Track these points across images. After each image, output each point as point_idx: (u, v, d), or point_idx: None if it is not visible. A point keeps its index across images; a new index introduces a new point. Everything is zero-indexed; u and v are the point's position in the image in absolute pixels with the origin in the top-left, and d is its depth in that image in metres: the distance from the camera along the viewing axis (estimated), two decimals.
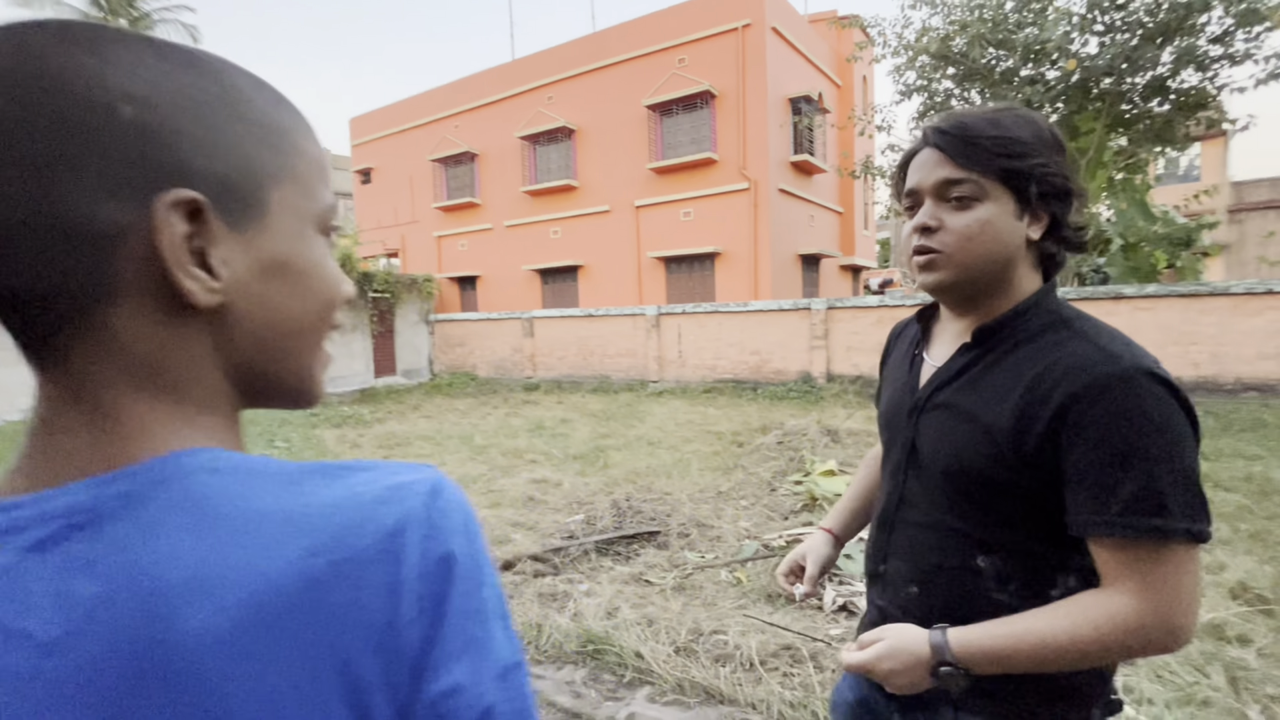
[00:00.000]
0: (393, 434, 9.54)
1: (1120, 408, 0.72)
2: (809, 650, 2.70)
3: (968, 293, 0.86)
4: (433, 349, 17.12)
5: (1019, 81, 9.66)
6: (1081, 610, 0.74)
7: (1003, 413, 0.79)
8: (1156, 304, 9.05)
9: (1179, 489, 0.71)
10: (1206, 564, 3.71)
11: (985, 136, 0.80)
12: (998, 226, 0.80)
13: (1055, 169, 0.81)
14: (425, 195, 19.11)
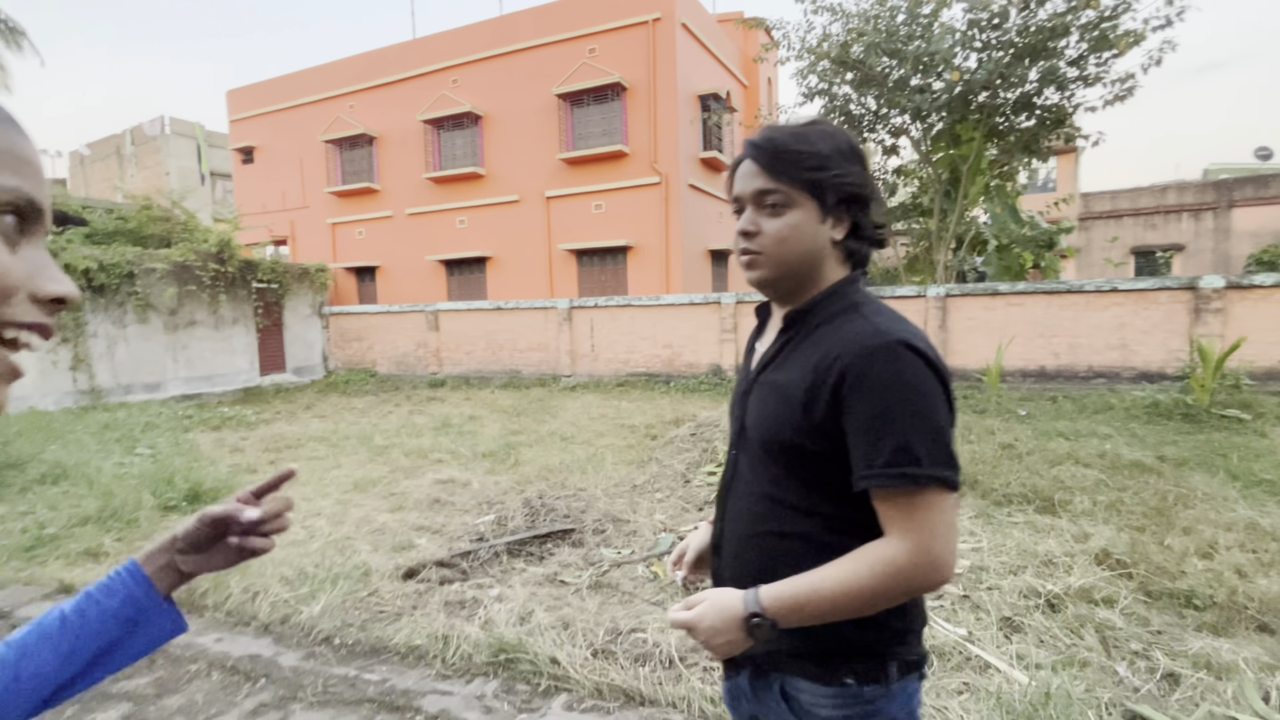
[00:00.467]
0: (281, 436, 8.77)
1: (882, 373, 0.84)
2: None
3: (785, 286, 0.98)
4: (327, 344, 15.95)
5: (910, 90, 10.29)
6: (861, 557, 0.84)
7: (800, 384, 0.90)
8: (1025, 300, 9.99)
9: (928, 443, 0.83)
10: (1073, 534, 4.09)
11: (791, 151, 0.91)
12: (804, 230, 0.93)
13: (852, 178, 0.93)
14: (318, 179, 17.73)
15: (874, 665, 0.90)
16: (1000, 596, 3.18)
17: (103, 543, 4.40)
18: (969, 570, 3.55)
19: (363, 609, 3.11)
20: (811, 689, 0.93)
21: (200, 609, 3.14)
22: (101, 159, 30.86)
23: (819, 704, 0.92)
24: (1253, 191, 19.22)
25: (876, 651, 0.91)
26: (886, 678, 0.91)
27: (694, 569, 1.16)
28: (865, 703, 0.91)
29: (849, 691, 0.91)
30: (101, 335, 11.49)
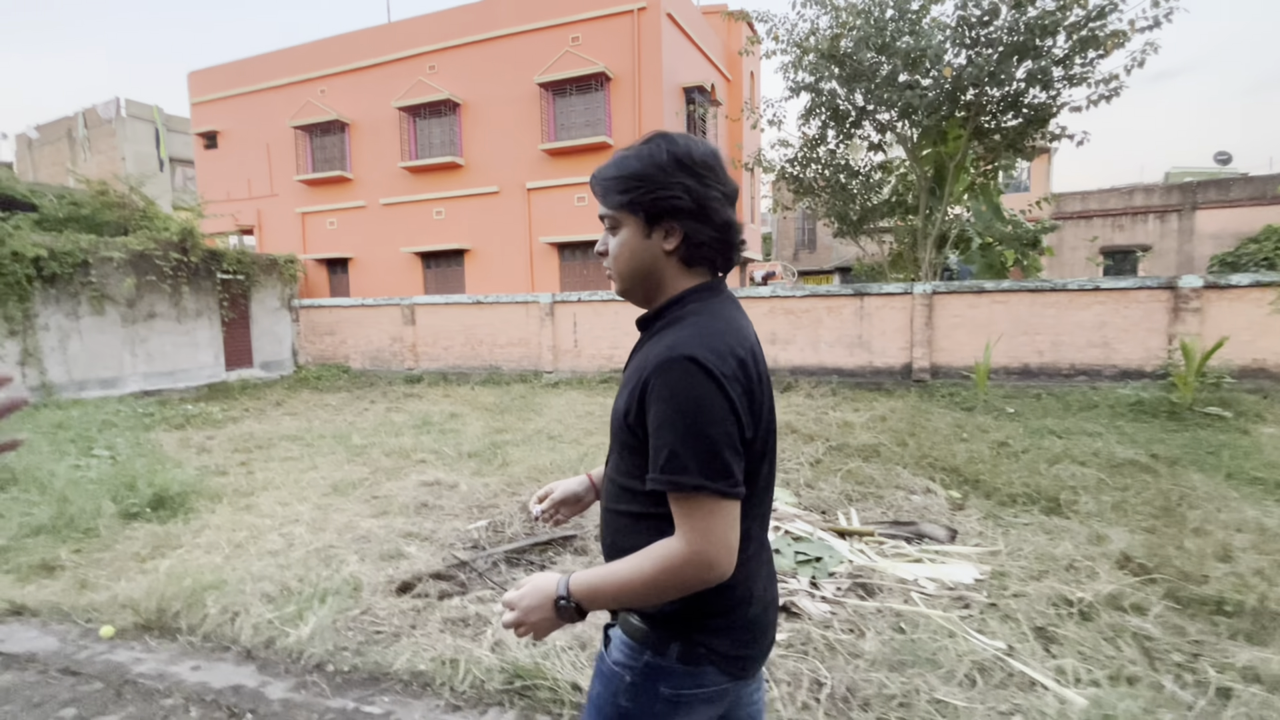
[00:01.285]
0: (250, 435, 8.33)
1: (663, 386, 0.91)
2: None
3: (635, 296, 1.07)
4: (297, 338, 15.36)
5: (898, 86, 10.25)
6: (649, 552, 0.92)
7: (628, 385, 0.99)
8: (1010, 298, 10.05)
9: (698, 453, 0.89)
10: (1087, 536, 4.02)
11: (610, 179, 1.00)
12: (631, 246, 1.02)
13: (671, 191, 0.97)
14: (286, 166, 17.03)
15: (659, 637, 1.00)
16: (1029, 604, 3.07)
17: (58, 555, 4.04)
18: (990, 576, 3.44)
19: (356, 629, 2.85)
20: (618, 635, 1.05)
21: (172, 632, 2.84)
22: (51, 142, 29.31)
23: (619, 647, 1.05)
24: (1215, 194, 19.82)
25: (664, 626, 1.00)
26: (665, 652, 1.00)
27: (556, 507, 1.28)
28: (643, 665, 1.01)
29: (634, 647, 1.02)
30: (53, 328, 10.81)
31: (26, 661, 2.63)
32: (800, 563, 3.51)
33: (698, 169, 0.99)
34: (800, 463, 6.07)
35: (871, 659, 2.53)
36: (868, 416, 8.27)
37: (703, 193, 0.98)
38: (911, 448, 6.50)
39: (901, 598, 3.18)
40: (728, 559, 0.91)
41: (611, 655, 1.06)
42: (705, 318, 0.98)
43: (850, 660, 2.55)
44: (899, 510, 4.73)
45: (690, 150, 0.99)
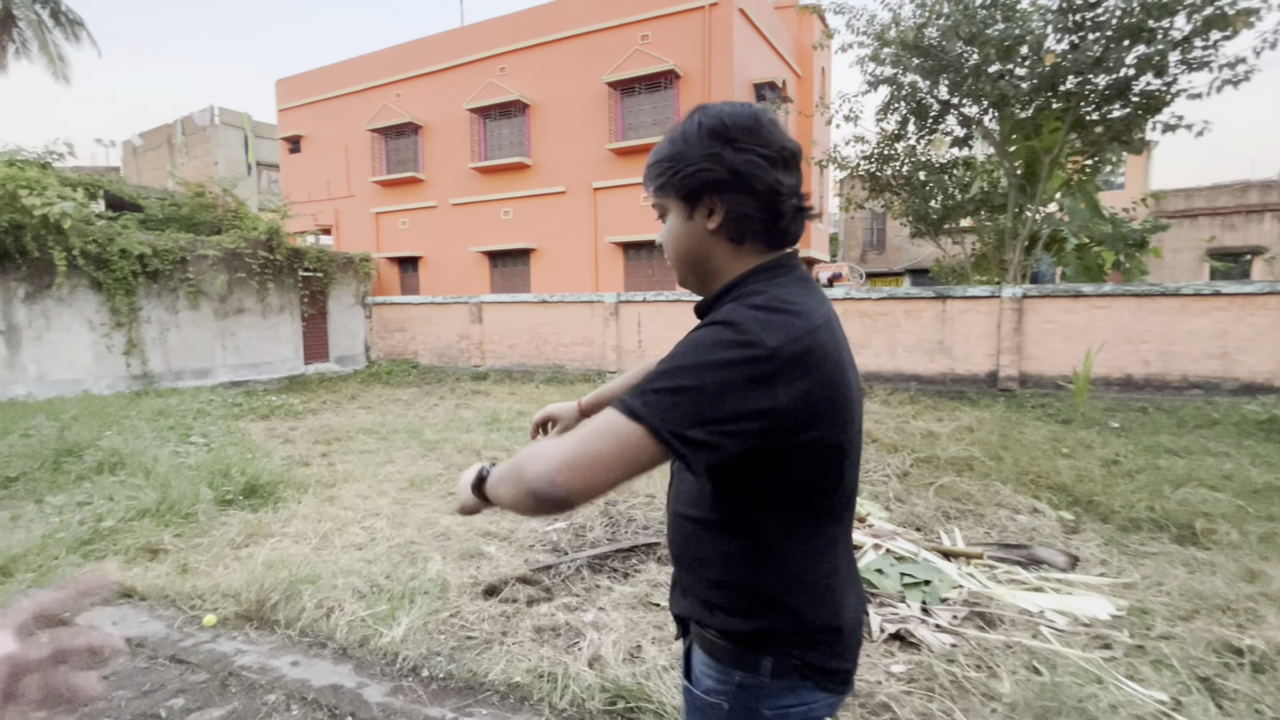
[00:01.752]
0: (329, 427, 8.61)
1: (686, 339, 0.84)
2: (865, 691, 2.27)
3: (691, 283, 0.99)
4: (370, 334, 15.91)
5: (988, 76, 9.64)
6: (535, 446, 0.83)
7: None
8: (1112, 302, 9.28)
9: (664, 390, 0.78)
10: (1238, 572, 3.55)
11: (651, 164, 0.96)
12: (675, 231, 0.96)
13: (702, 164, 0.88)
14: (363, 168, 17.69)
15: (750, 655, 0.92)
16: (1183, 649, 2.70)
17: (162, 539, 4.19)
18: (1129, 612, 3.07)
19: (447, 633, 2.78)
20: (701, 657, 0.98)
21: (270, 624, 2.85)
22: (153, 148, 31.59)
23: (706, 673, 0.97)
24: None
25: (753, 643, 0.92)
26: (758, 669, 0.92)
27: (542, 422, 1.37)
28: (736, 686, 0.93)
29: (724, 671, 0.94)
30: (154, 321, 11.53)
31: (136, 646, 2.68)
32: (907, 585, 3.24)
33: (731, 133, 0.88)
34: (887, 474, 5.73)
35: (1011, 704, 2.26)
36: (953, 427, 7.78)
37: (737, 158, 0.88)
38: (1008, 462, 6.03)
39: (1029, 632, 2.86)
40: (568, 486, 0.77)
41: (701, 685, 0.98)
42: (763, 299, 0.86)
43: (986, 703, 2.29)
44: (1004, 531, 4.36)
45: (722, 116, 0.90)
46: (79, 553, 3.99)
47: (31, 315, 9.98)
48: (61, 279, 9.91)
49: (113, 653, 0.50)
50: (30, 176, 8.97)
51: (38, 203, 8.87)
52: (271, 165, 29.61)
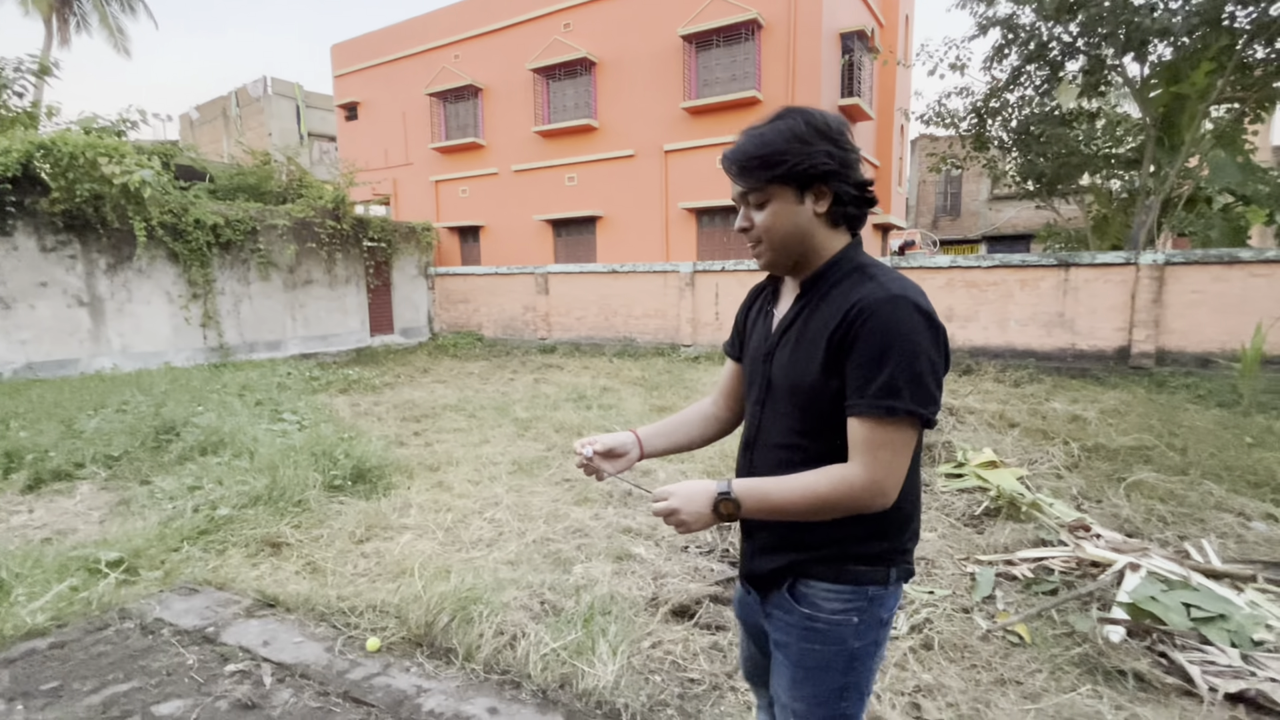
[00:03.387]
0: (411, 402, 8.30)
1: (882, 322, 1.01)
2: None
3: (787, 263, 1.16)
4: (433, 305, 15.67)
5: (1131, 10, 8.46)
6: (825, 471, 1.06)
7: (823, 333, 1.08)
8: (1275, 270, 8.16)
9: (909, 380, 1.00)
10: None
11: (752, 156, 1.09)
12: (784, 215, 1.11)
13: (815, 159, 1.07)
14: (421, 134, 17.25)
15: (880, 570, 1.12)
16: None
17: (280, 530, 3.84)
18: None
19: (661, 673, 2.29)
20: (824, 587, 1.13)
21: (446, 654, 2.41)
22: (209, 121, 31.89)
23: (829, 599, 1.13)
24: None
25: (883, 559, 1.13)
26: (887, 580, 1.13)
27: (601, 456, 1.31)
28: (868, 599, 1.13)
29: (858, 590, 1.12)
30: (228, 293, 11.43)
31: (301, 677, 2.27)
32: (1198, 620, 2.60)
33: (833, 134, 1.09)
34: (1055, 467, 5.02)
35: None
36: (1097, 410, 6.96)
37: (842, 155, 1.09)
38: (1194, 456, 5.25)
39: None
40: (895, 490, 1.04)
41: (824, 607, 1.13)
42: (886, 270, 1.09)
43: None
44: (1244, 542, 3.65)
45: (826, 119, 1.10)
46: (199, 544, 3.66)
47: (114, 287, 9.91)
48: (141, 250, 9.79)
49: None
50: (109, 144, 8.75)
51: (117, 171, 8.67)
52: (323, 136, 29.53)
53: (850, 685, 1.14)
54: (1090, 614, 2.66)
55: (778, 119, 1.10)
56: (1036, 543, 3.44)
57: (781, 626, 1.18)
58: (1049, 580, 3.02)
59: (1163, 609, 2.63)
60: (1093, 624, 2.57)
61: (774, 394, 1.17)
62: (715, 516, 1.08)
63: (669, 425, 1.42)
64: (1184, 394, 7.76)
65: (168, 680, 2.28)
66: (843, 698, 1.14)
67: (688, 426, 1.42)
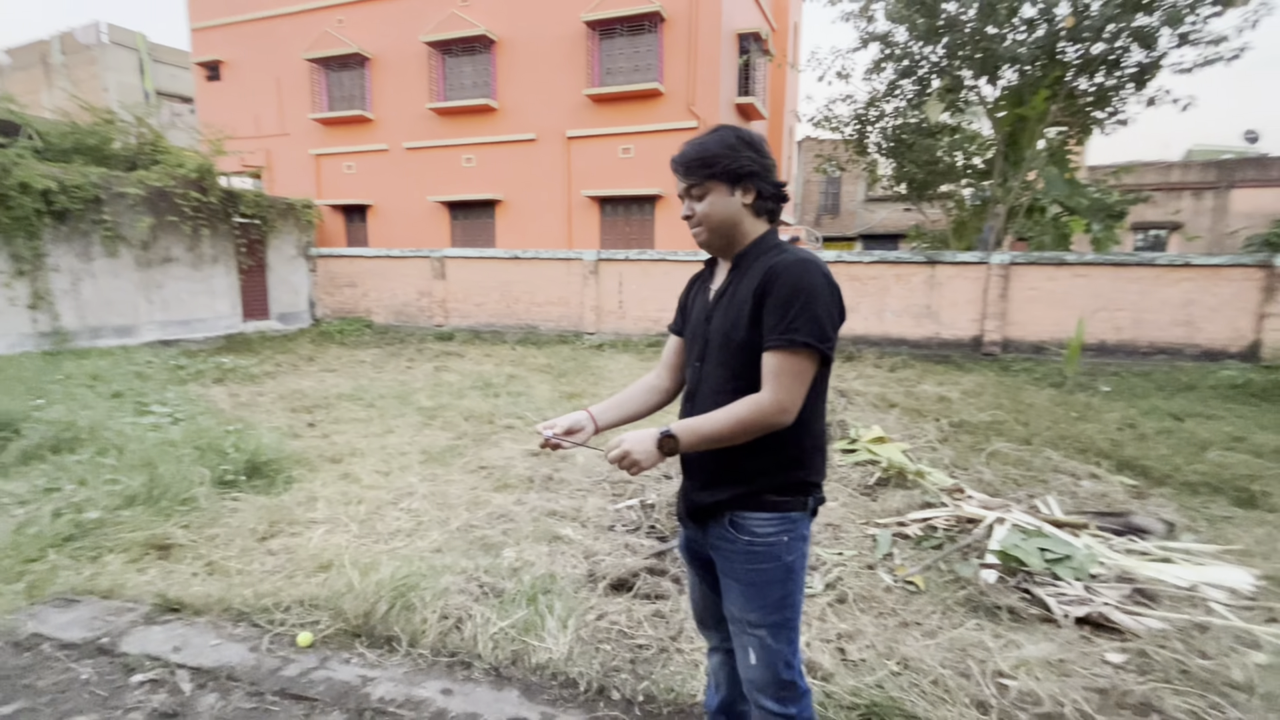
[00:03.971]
0: (300, 392, 7.73)
1: (791, 278, 1.28)
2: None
3: (720, 243, 1.44)
4: (314, 289, 14.53)
5: (987, 38, 9.57)
6: (742, 400, 1.30)
7: (749, 295, 1.34)
8: (1092, 271, 9.65)
9: (810, 322, 1.27)
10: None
11: (694, 158, 1.38)
12: (719, 204, 1.39)
13: (742, 161, 1.36)
14: (299, 103, 15.82)
15: (800, 499, 1.40)
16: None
17: (167, 532, 3.49)
18: (1265, 582, 3.07)
19: (610, 641, 2.38)
20: (758, 516, 1.38)
21: (389, 641, 2.35)
22: (24, 69, 27.16)
23: (763, 525, 1.38)
24: (1254, 173, 19.52)
25: (802, 490, 1.40)
26: (806, 507, 1.41)
27: (561, 434, 1.45)
28: (793, 522, 1.40)
29: (785, 516, 1.39)
30: (64, 269, 9.93)
31: (227, 679, 2.13)
32: (1051, 561, 3.11)
33: (755, 145, 1.37)
34: (930, 441, 5.67)
35: (1262, 693, 2.13)
36: (958, 391, 7.90)
37: (763, 161, 1.37)
38: (1035, 427, 6.13)
39: (1196, 608, 2.79)
40: (796, 409, 1.28)
41: (760, 533, 1.37)
42: (796, 248, 1.37)
43: (1226, 691, 2.16)
44: (1076, 497, 4.36)
45: (750, 134, 1.38)
46: (65, 552, 3.25)
47: None
48: None
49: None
50: None
51: None
52: (175, 96, 26.16)
53: (790, 593, 1.39)
54: (970, 562, 3.09)
55: (713, 132, 1.39)
56: (922, 506, 3.90)
57: (727, 555, 1.40)
58: (935, 537, 3.45)
59: (1024, 554, 3.12)
60: (973, 570, 2.99)
61: (711, 350, 1.40)
62: (660, 453, 1.28)
63: (618, 399, 1.58)
64: (1024, 376, 8.99)
65: (62, 698, 2.05)
66: (785, 604, 1.39)
67: (635, 399, 1.59)
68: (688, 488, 1.48)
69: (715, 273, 1.51)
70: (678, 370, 1.60)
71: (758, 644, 1.39)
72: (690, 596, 1.68)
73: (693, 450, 1.32)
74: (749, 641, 1.40)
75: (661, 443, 1.28)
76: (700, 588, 1.61)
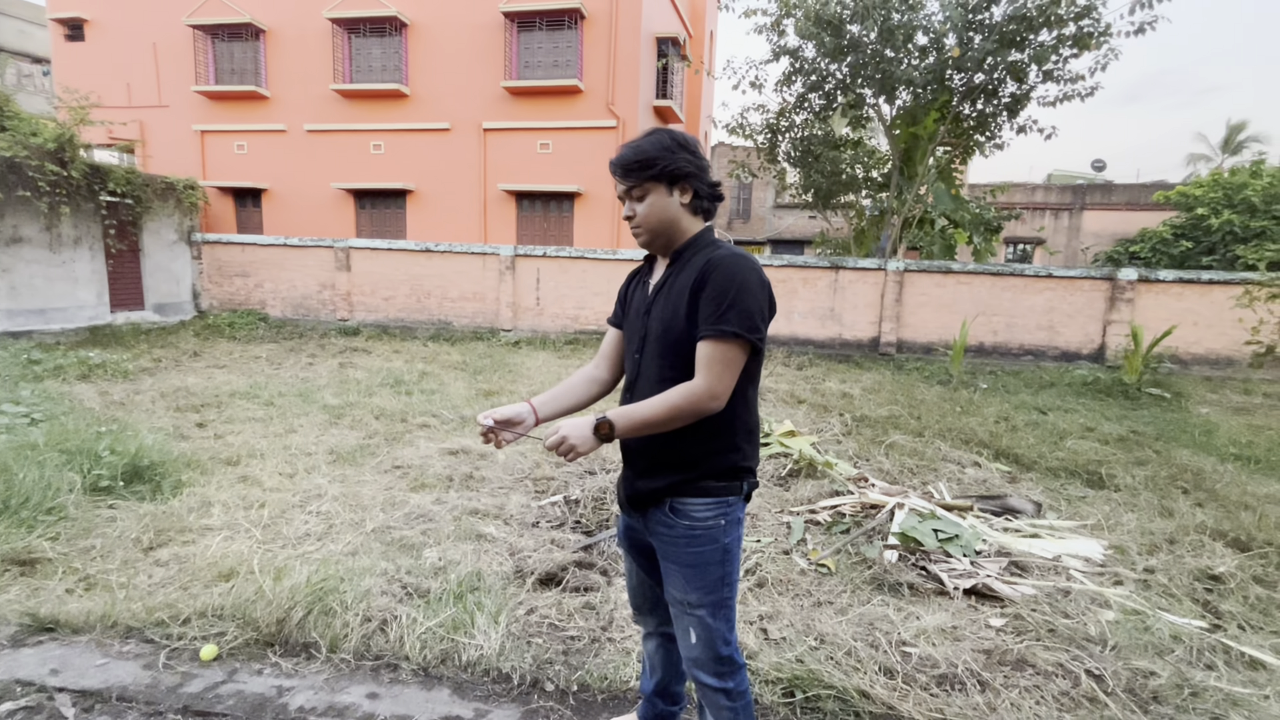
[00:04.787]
0: (186, 390, 7.12)
1: (725, 272, 1.34)
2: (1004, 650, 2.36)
3: (660, 242, 1.47)
4: (199, 278, 13.29)
5: (886, 61, 10.30)
6: (675, 388, 1.34)
7: (687, 288, 1.39)
8: (974, 280, 10.64)
9: (741, 314, 1.32)
10: (1158, 510, 4.28)
11: (632, 162, 1.41)
12: (659, 205, 1.43)
13: (679, 163, 1.41)
14: (180, 73, 14.39)
15: (734, 484, 1.44)
16: (1171, 579, 3.17)
17: (30, 545, 3.13)
18: (1112, 550, 3.54)
19: (542, 635, 2.38)
20: (696, 502, 1.42)
21: (306, 648, 2.23)
22: None
23: (700, 510, 1.42)
24: (1100, 197, 22.21)
25: (736, 475, 1.44)
26: (740, 491, 1.46)
27: (501, 425, 1.46)
28: (728, 505, 1.44)
29: (720, 500, 1.43)
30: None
31: (118, 700, 1.94)
32: (943, 540, 3.43)
33: (690, 147, 1.43)
34: (835, 434, 6.06)
35: (1112, 645, 2.48)
36: (859, 389, 8.47)
37: (698, 162, 1.44)
38: (926, 421, 6.69)
39: (1059, 576, 3.18)
40: (726, 395, 1.34)
41: (699, 517, 1.44)
42: (730, 245, 1.44)
43: (1085, 645, 2.49)
44: (961, 483, 4.82)
45: (685, 136, 1.44)
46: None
47: None
48: None
49: None
50: None
51: None
52: (24, 54, 23.00)
53: (728, 574, 1.47)
54: (875, 544, 3.35)
55: (649, 135, 1.43)
56: (831, 494, 4.17)
57: (667, 539, 1.46)
58: (843, 522, 3.71)
59: (920, 535, 3.42)
60: (877, 552, 3.24)
61: (650, 341, 1.45)
62: (597, 439, 1.31)
63: (558, 390, 1.61)
64: (916, 375, 9.77)
65: None
66: (723, 584, 1.46)
67: (575, 390, 1.62)
68: (628, 475, 1.52)
69: (654, 267, 1.56)
70: (616, 361, 1.64)
71: (698, 623, 1.45)
72: (627, 584, 1.73)
73: (628, 436, 1.35)
74: (690, 622, 1.46)
75: (598, 429, 1.30)
76: (638, 574, 1.66)
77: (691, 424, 1.35)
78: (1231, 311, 9.37)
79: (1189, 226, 13.06)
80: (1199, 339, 10.08)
